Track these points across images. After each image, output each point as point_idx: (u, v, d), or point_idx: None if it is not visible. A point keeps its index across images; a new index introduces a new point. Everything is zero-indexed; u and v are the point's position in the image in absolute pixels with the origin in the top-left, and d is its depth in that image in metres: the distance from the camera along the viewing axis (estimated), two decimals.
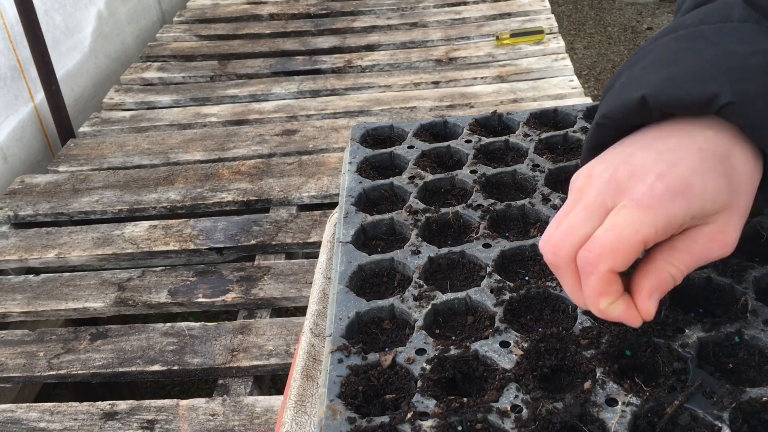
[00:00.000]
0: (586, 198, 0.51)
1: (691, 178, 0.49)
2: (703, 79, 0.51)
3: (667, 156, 0.51)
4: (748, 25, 0.55)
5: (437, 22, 3.46)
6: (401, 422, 0.54)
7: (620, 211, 0.49)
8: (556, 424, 0.53)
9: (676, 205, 0.48)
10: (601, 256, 0.48)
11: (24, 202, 2.37)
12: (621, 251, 0.48)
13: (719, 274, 0.64)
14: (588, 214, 0.50)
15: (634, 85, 0.55)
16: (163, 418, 1.59)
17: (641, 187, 0.49)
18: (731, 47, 0.53)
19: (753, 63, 0.52)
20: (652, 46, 0.58)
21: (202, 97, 2.99)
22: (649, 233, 0.48)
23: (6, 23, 2.66)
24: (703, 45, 0.54)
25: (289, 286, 1.92)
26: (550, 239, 0.52)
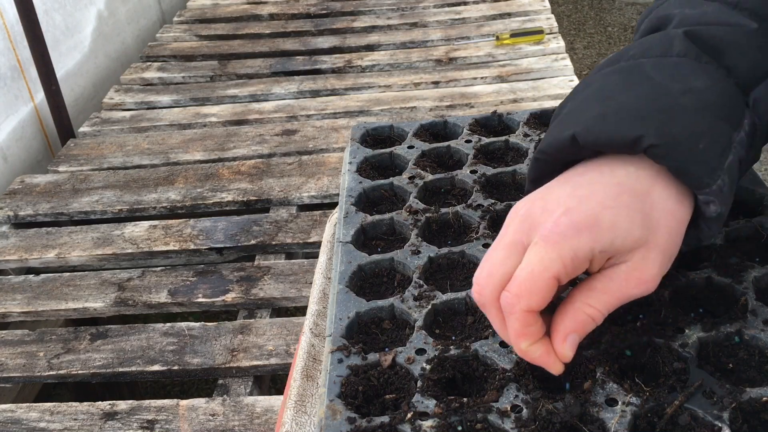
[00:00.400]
0: (505, 236, 0.52)
1: (599, 213, 0.49)
2: (630, 119, 0.52)
3: (580, 191, 0.51)
4: (686, 60, 0.55)
5: (437, 22, 3.46)
6: (401, 422, 0.54)
7: (532, 249, 0.50)
8: (556, 424, 0.53)
9: (582, 239, 0.49)
10: (518, 297, 0.49)
11: (24, 202, 2.37)
12: (534, 290, 0.48)
13: (719, 274, 0.64)
14: (507, 253, 0.51)
15: (569, 120, 0.55)
16: (163, 418, 1.59)
17: (548, 223, 0.50)
18: (665, 84, 0.53)
19: (683, 103, 0.52)
20: (595, 77, 0.58)
21: (202, 97, 2.99)
22: (557, 269, 0.48)
23: (6, 23, 2.66)
24: (638, 80, 0.55)
25: (289, 286, 1.92)
26: (476, 279, 0.53)
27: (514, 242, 0.51)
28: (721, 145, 0.52)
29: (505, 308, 0.50)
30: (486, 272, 0.52)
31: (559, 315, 0.51)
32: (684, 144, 0.50)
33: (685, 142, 0.50)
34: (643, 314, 0.62)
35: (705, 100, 0.53)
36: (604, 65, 0.59)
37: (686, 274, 0.65)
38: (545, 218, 0.50)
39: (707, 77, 0.54)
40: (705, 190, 0.51)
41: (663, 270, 0.52)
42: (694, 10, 0.60)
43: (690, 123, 0.51)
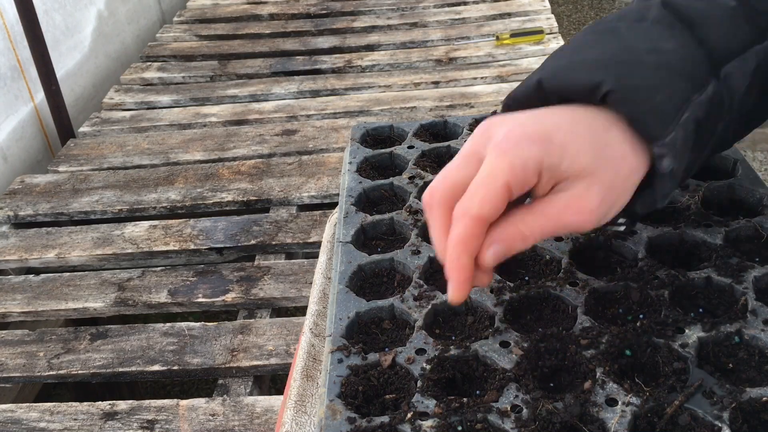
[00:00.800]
0: (461, 149, 0.54)
1: (552, 131, 0.51)
2: (592, 68, 0.53)
3: (539, 114, 0.53)
4: (659, 26, 0.57)
5: (437, 22, 3.46)
6: (401, 422, 0.54)
7: (486, 158, 0.51)
8: (556, 424, 0.53)
9: (532, 149, 0.50)
10: (469, 202, 0.50)
11: (24, 202, 2.37)
12: (485, 198, 0.49)
13: (719, 274, 0.64)
14: (462, 162, 0.52)
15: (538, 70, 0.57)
16: (163, 418, 1.59)
17: (500, 134, 0.51)
18: (633, 44, 0.55)
19: (646, 59, 0.54)
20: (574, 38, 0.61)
21: (202, 97, 2.99)
22: (508, 177, 0.49)
23: (6, 23, 2.66)
24: (609, 39, 0.56)
25: (289, 286, 1.92)
26: (431, 186, 0.54)
27: (471, 153, 0.52)
28: (677, 100, 0.53)
29: (456, 214, 0.50)
30: (439, 177, 0.53)
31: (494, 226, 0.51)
32: (641, 93, 0.52)
33: (642, 92, 0.52)
34: (643, 314, 0.62)
35: (669, 60, 0.54)
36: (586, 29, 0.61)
37: (686, 274, 0.65)
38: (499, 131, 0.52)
39: (675, 41, 0.56)
40: (658, 142, 0.52)
41: (604, 208, 0.52)
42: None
43: (650, 76, 0.53)
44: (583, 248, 0.71)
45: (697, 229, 0.70)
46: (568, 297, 0.64)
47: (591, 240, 0.71)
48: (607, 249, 0.71)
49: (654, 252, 0.69)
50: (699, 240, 0.69)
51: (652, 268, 0.66)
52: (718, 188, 0.76)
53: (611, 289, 0.65)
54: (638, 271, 0.66)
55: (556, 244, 0.71)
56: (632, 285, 0.64)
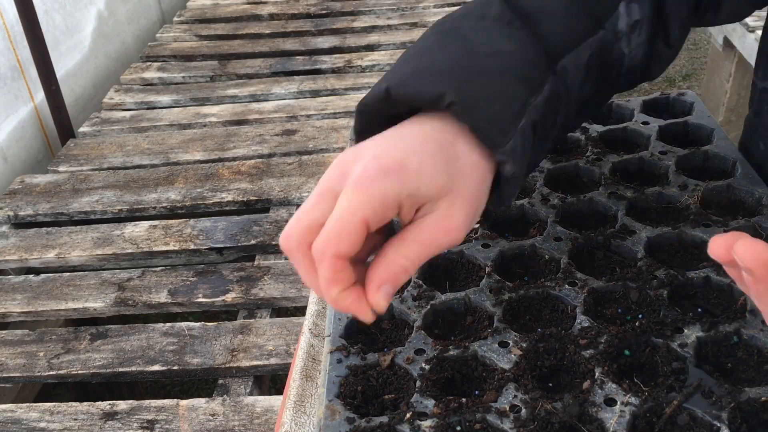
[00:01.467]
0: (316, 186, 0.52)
1: (406, 158, 0.51)
2: (436, 76, 0.54)
3: (389, 141, 0.53)
4: (500, 24, 0.58)
5: None
6: (400, 422, 0.54)
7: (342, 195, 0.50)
8: (555, 424, 0.53)
9: (389, 182, 0.50)
10: (327, 243, 0.49)
11: (24, 202, 2.37)
12: (344, 235, 0.48)
13: (718, 274, 0.64)
14: (317, 200, 0.51)
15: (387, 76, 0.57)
16: (163, 418, 1.59)
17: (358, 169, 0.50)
18: (474, 45, 0.56)
19: (485, 65, 0.55)
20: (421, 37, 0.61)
21: (202, 97, 2.99)
22: (366, 212, 0.49)
23: (6, 23, 2.66)
24: (452, 40, 0.57)
25: (289, 286, 1.92)
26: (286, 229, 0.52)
27: (325, 190, 0.51)
28: (515, 108, 0.54)
29: (316, 256, 0.50)
30: (294, 219, 0.52)
31: (373, 266, 0.51)
32: (481, 104, 0.53)
33: (482, 102, 0.53)
34: (642, 314, 0.62)
35: (507, 63, 0.55)
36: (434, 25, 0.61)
37: (685, 273, 0.65)
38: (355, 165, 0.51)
39: (513, 42, 0.57)
40: (500, 150, 0.53)
41: (468, 220, 0.53)
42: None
43: (488, 84, 0.54)
44: (582, 248, 0.71)
45: (696, 229, 0.70)
46: (567, 297, 0.64)
47: (590, 240, 0.71)
48: (606, 249, 0.71)
49: (653, 252, 0.69)
50: (698, 240, 0.69)
51: (651, 268, 0.66)
52: (717, 188, 0.76)
53: (610, 289, 0.65)
54: (637, 271, 0.66)
55: (555, 244, 0.71)
56: (631, 285, 0.64)
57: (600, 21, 0.62)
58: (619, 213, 0.74)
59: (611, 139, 0.89)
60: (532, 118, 0.55)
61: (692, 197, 0.75)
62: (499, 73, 0.55)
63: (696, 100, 0.93)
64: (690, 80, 4.16)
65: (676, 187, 0.77)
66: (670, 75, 4.22)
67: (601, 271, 0.68)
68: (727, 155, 0.81)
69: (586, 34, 0.61)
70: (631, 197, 0.76)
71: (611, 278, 0.66)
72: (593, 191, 0.78)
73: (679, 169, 0.80)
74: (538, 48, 0.57)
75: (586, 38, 0.61)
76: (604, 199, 0.77)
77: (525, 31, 0.58)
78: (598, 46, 0.61)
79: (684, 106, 0.93)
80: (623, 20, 0.64)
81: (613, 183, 0.79)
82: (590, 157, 0.84)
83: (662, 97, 0.95)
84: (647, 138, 0.87)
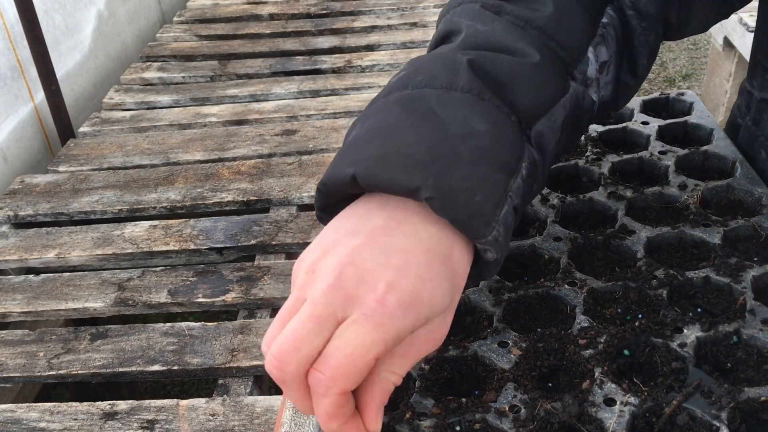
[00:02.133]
0: (314, 306, 0.47)
1: (420, 289, 0.48)
2: (409, 166, 0.50)
3: (395, 260, 0.48)
4: (470, 97, 0.54)
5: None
6: (399, 422, 0.54)
7: (351, 326, 0.46)
8: (555, 424, 0.53)
9: (407, 318, 0.47)
10: (333, 380, 0.45)
11: (24, 202, 2.37)
12: (353, 372, 0.45)
13: (718, 274, 0.64)
14: (317, 326, 0.46)
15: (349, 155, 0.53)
16: (163, 418, 1.59)
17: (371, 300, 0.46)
18: (446, 127, 0.52)
19: (460, 151, 0.51)
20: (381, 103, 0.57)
21: (202, 97, 2.99)
22: (380, 351, 0.46)
23: (6, 23, 2.66)
24: (421, 117, 0.53)
25: (289, 286, 1.91)
26: (277, 352, 0.47)
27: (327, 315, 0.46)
28: (496, 197, 0.51)
29: (316, 389, 0.46)
30: (290, 346, 0.46)
31: (366, 389, 0.48)
32: (460, 197, 0.50)
33: (461, 194, 0.50)
34: (642, 314, 0.62)
35: (483, 147, 0.52)
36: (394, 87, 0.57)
37: (684, 273, 0.65)
38: (365, 292, 0.47)
39: (487, 119, 0.53)
40: (481, 240, 0.51)
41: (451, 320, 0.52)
42: (485, 26, 0.60)
43: (466, 175, 0.50)
44: (581, 248, 0.71)
45: (696, 229, 0.70)
46: (567, 297, 0.64)
47: (590, 240, 0.71)
48: (606, 249, 0.71)
49: (653, 252, 0.69)
50: (698, 240, 0.69)
51: (651, 267, 0.66)
52: (716, 188, 0.76)
53: (610, 289, 0.65)
54: (637, 271, 0.66)
55: (555, 244, 0.71)
56: (631, 285, 0.64)
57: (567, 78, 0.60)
58: (619, 213, 0.74)
59: (611, 139, 0.89)
60: (513, 204, 0.53)
61: (692, 197, 0.75)
62: (476, 161, 0.51)
63: (696, 99, 0.94)
64: (690, 80, 4.15)
65: (676, 187, 0.77)
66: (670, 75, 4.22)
67: (600, 271, 0.68)
68: (727, 155, 0.81)
69: (558, 94, 0.59)
70: (630, 197, 0.76)
71: (611, 278, 0.66)
72: (593, 191, 0.78)
73: (678, 169, 0.80)
74: (513, 122, 0.55)
75: (559, 98, 0.59)
76: (603, 199, 0.77)
77: (496, 103, 0.55)
78: (571, 105, 0.60)
79: (684, 106, 0.93)
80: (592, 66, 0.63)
81: (612, 183, 0.79)
82: (590, 157, 0.84)
83: (662, 96, 0.95)
84: (647, 138, 0.87)
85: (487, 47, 0.58)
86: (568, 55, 0.60)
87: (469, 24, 0.61)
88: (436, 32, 0.65)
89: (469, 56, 0.57)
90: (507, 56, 0.57)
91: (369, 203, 0.53)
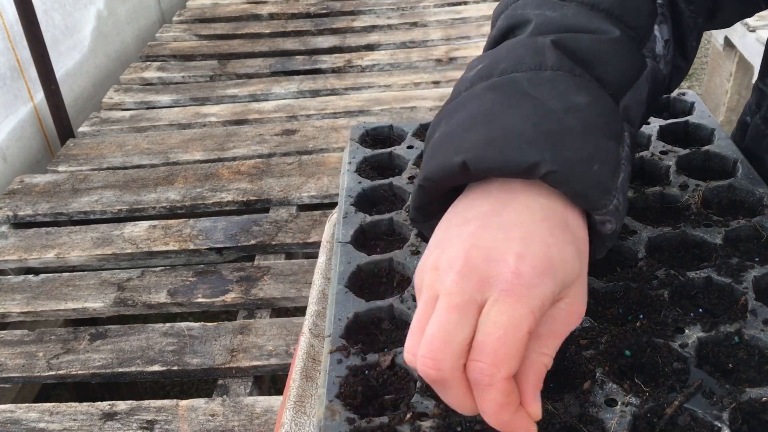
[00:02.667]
0: (450, 297, 0.45)
1: (549, 253, 0.47)
2: (522, 144, 0.49)
3: (515, 233, 0.47)
4: (562, 74, 0.54)
5: (437, 22, 3.46)
6: (400, 423, 0.54)
7: (494, 307, 0.45)
8: (556, 425, 0.52)
9: (545, 284, 0.46)
10: (495, 365, 0.44)
11: (23, 202, 2.37)
12: (512, 353, 0.44)
13: (719, 274, 0.64)
14: (460, 316, 0.45)
15: (452, 145, 0.52)
16: (163, 418, 1.59)
17: (506, 275, 0.45)
18: (547, 103, 0.52)
19: (569, 124, 0.51)
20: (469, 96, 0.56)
21: (202, 97, 2.99)
22: (530, 324, 0.44)
23: (5, 23, 2.66)
24: (518, 99, 0.52)
25: (289, 286, 1.92)
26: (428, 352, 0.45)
27: (466, 302, 0.45)
28: (612, 165, 0.51)
29: (479, 381, 0.44)
30: (440, 341, 0.44)
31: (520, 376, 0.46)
32: (578, 168, 0.49)
33: (579, 165, 0.49)
34: (643, 314, 0.62)
35: (589, 118, 0.52)
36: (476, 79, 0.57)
37: (686, 273, 0.65)
38: (496, 269, 0.46)
39: (586, 92, 0.53)
40: (602, 211, 0.50)
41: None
42: (554, 12, 0.60)
43: (581, 145, 0.50)
44: None
45: (697, 229, 0.70)
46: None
47: None
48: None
49: (654, 252, 0.69)
50: (699, 240, 0.69)
51: (652, 268, 0.66)
52: (718, 188, 0.76)
53: (611, 289, 0.65)
54: (638, 271, 0.66)
55: None
56: (632, 285, 0.64)
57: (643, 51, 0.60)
58: None
59: None
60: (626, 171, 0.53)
61: (693, 197, 0.75)
62: (586, 132, 0.51)
63: (696, 99, 0.93)
64: (690, 80, 4.15)
65: (677, 187, 0.77)
66: None
67: (601, 271, 0.68)
68: (728, 155, 0.81)
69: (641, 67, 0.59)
70: (631, 197, 0.76)
71: (612, 278, 0.66)
72: None
73: (679, 168, 0.80)
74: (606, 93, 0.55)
75: (642, 72, 0.59)
76: None
77: (587, 78, 0.55)
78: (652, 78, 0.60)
79: (684, 106, 0.93)
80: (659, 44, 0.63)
81: None
82: None
83: (663, 96, 0.95)
84: (647, 138, 0.86)
85: (563, 30, 0.58)
86: (636, 35, 0.60)
87: (537, 13, 0.61)
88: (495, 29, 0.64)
89: (550, 38, 0.57)
90: (587, 34, 0.57)
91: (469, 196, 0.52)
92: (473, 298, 0.45)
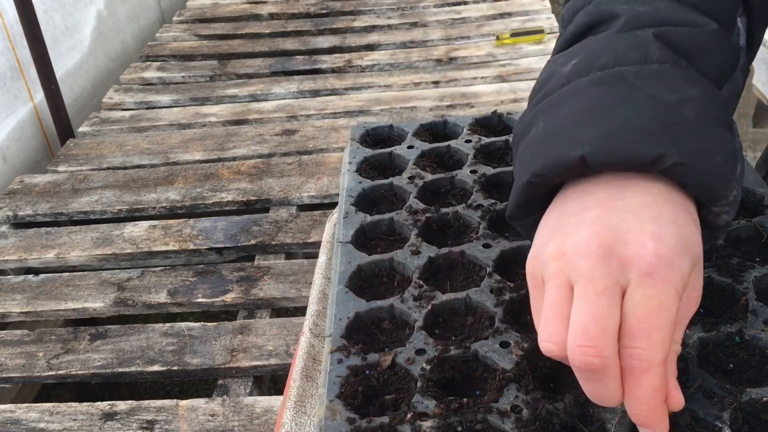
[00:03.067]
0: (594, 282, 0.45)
1: (682, 232, 0.47)
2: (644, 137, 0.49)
3: (644, 214, 0.47)
4: (669, 67, 0.53)
5: (437, 22, 3.46)
6: (401, 423, 0.54)
7: (638, 290, 0.45)
8: (556, 425, 0.52)
9: (685, 263, 0.46)
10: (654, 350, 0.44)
11: (23, 202, 2.37)
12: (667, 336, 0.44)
13: (720, 274, 0.64)
14: (610, 300, 0.44)
15: (565, 140, 0.52)
16: (163, 418, 1.59)
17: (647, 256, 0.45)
18: (660, 96, 0.51)
19: (687, 115, 0.51)
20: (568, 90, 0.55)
21: (202, 97, 2.99)
22: (677, 304, 0.45)
23: (6, 23, 2.66)
24: (627, 93, 0.52)
25: (289, 286, 1.92)
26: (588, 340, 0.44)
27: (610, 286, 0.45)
28: (732, 156, 0.51)
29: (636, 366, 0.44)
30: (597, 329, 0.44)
31: None
32: (703, 159, 0.49)
33: (703, 157, 0.49)
34: None
35: (703, 109, 0.51)
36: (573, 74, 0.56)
37: None
38: (635, 251, 0.46)
39: (696, 85, 0.53)
40: (722, 202, 0.50)
41: None
42: (645, 6, 0.59)
43: (701, 137, 0.50)
44: None
45: None
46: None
47: None
48: None
49: None
50: None
51: None
52: None
53: None
54: None
55: None
56: None
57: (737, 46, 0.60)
58: None
59: None
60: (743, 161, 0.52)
61: None
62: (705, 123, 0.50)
63: None
64: None
65: None
66: None
67: None
68: None
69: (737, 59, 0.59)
70: None
71: None
72: None
73: None
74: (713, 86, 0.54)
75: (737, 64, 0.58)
76: None
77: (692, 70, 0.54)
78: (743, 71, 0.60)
79: None
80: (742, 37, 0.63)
81: None
82: None
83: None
84: None
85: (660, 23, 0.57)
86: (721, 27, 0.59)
87: (626, 8, 0.60)
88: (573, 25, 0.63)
89: (651, 31, 0.56)
90: (686, 27, 0.57)
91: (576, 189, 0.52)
92: (616, 281, 0.45)
